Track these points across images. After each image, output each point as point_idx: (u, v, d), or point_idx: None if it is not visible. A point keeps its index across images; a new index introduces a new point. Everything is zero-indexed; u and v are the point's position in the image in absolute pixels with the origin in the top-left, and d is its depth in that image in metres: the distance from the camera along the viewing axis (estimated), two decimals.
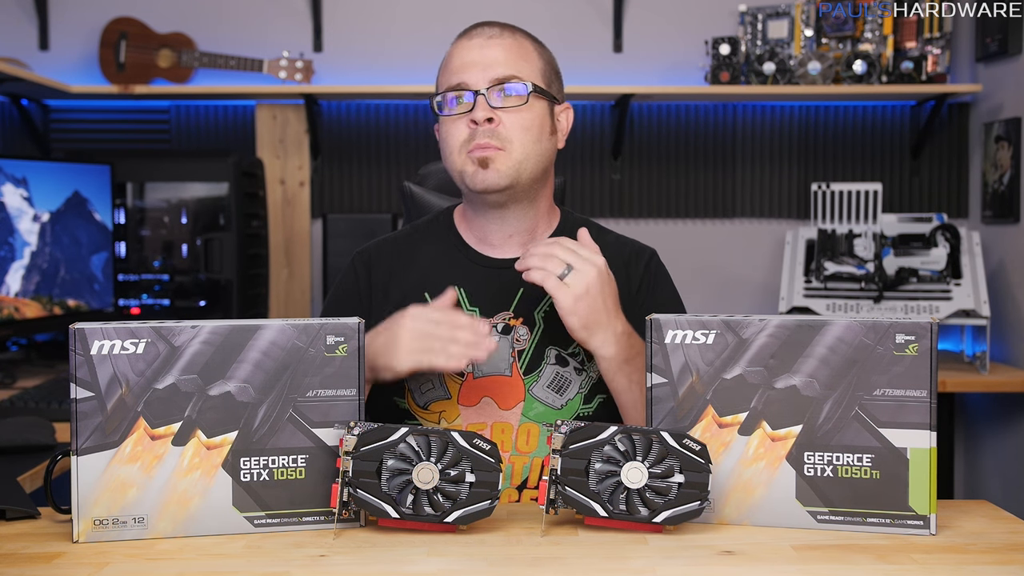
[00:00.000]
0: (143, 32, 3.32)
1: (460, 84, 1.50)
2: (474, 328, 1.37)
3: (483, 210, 1.56)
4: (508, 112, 1.49)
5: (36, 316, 2.67)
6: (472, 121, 1.48)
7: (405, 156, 3.47)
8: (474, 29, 1.55)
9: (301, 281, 3.47)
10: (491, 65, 1.50)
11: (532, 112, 1.51)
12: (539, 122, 1.52)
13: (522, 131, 1.50)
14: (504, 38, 1.53)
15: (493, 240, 1.57)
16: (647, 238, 1.73)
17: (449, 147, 1.52)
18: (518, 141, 1.49)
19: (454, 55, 1.54)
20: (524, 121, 1.50)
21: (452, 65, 1.53)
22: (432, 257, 1.59)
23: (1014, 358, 3.13)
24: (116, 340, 1.19)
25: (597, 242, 1.61)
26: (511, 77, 1.50)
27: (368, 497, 1.20)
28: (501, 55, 1.51)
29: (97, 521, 1.19)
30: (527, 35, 1.57)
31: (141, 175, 3.06)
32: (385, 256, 1.61)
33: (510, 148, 1.49)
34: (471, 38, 1.54)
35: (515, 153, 1.49)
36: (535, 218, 1.58)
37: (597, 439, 1.22)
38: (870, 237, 3.12)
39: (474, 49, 1.52)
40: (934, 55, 3.25)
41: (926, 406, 1.21)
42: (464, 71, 1.51)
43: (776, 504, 1.24)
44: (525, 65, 1.52)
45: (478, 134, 1.48)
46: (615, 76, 3.42)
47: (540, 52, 1.57)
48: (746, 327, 1.24)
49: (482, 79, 1.49)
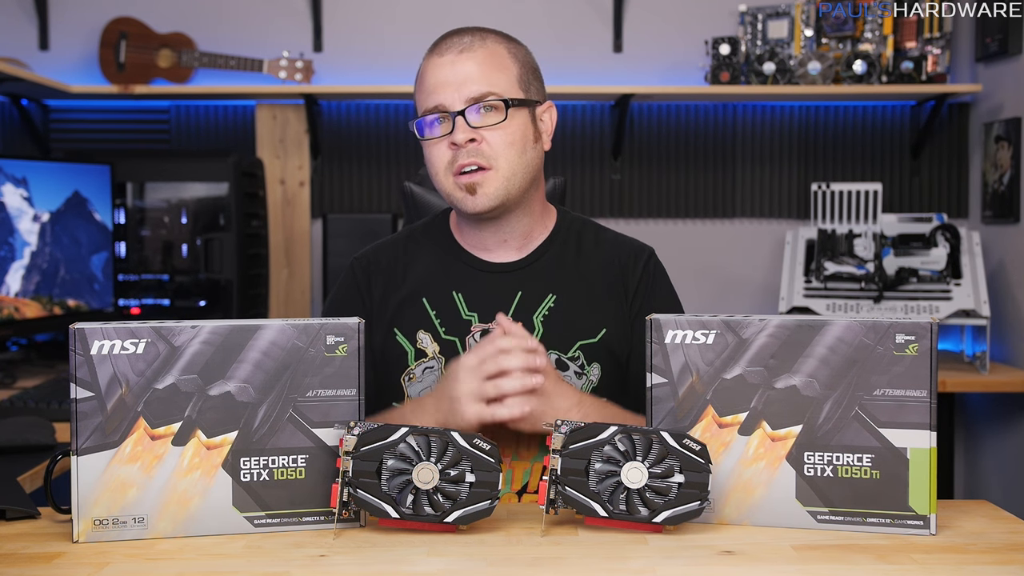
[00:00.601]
0: (143, 32, 3.32)
1: (437, 106, 1.48)
2: (520, 344, 1.35)
3: (476, 222, 1.55)
4: (489, 129, 1.47)
5: (36, 316, 2.67)
6: (452, 143, 1.47)
7: (405, 156, 3.47)
8: (444, 42, 1.51)
9: (301, 281, 3.47)
10: (465, 83, 1.47)
11: (514, 125, 1.48)
12: (521, 133, 1.49)
13: (506, 147, 1.47)
14: (475, 50, 1.49)
15: (488, 245, 1.57)
16: (647, 238, 1.73)
17: (435, 169, 1.50)
18: (503, 157, 1.47)
19: (427, 73, 1.50)
20: (507, 136, 1.47)
21: (426, 85, 1.50)
22: (429, 262, 1.58)
23: (1014, 358, 3.13)
24: (116, 340, 1.19)
25: (595, 241, 1.61)
26: (487, 94, 1.47)
27: (368, 497, 1.20)
28: (475, 70, 1.47)
29: (97, 521, 1.19)
30: (499, 37, 1.53)
31: (141, 175, 3.06)
32: (383, 262, 1.60)
33: (496, 165, 1.47)
34: (441, 54, 1.49)
35: (502, 171, 1.47)
36: (529, 223, 1.57)
37: (597, 439, 1.22)
38: (870, 237, 3.12)
39: (446, 67, 1.48)
40: (934, 55, 3.25)
41: (926, 406, 1.21)
42: (438, 92, 1.48)
43: (776, 504, 1.24)
44: (501, 76, 1.49)
45: (461, 155, 1.46)
46: (615, 76, 3.41)
47: (514, 55, 1.52)
48: (746, 327, 1.24)
49: (457, 99, 1.46)
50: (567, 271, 1.56)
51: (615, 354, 1.53)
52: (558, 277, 1.55)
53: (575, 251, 1.59)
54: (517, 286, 1.54)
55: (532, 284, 1.54)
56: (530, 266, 1.56)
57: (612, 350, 1.53)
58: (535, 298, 1.53)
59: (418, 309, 1.54)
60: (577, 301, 1.54)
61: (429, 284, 1.55)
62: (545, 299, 1.53)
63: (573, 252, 1.58)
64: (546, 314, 1.53)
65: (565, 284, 1.55)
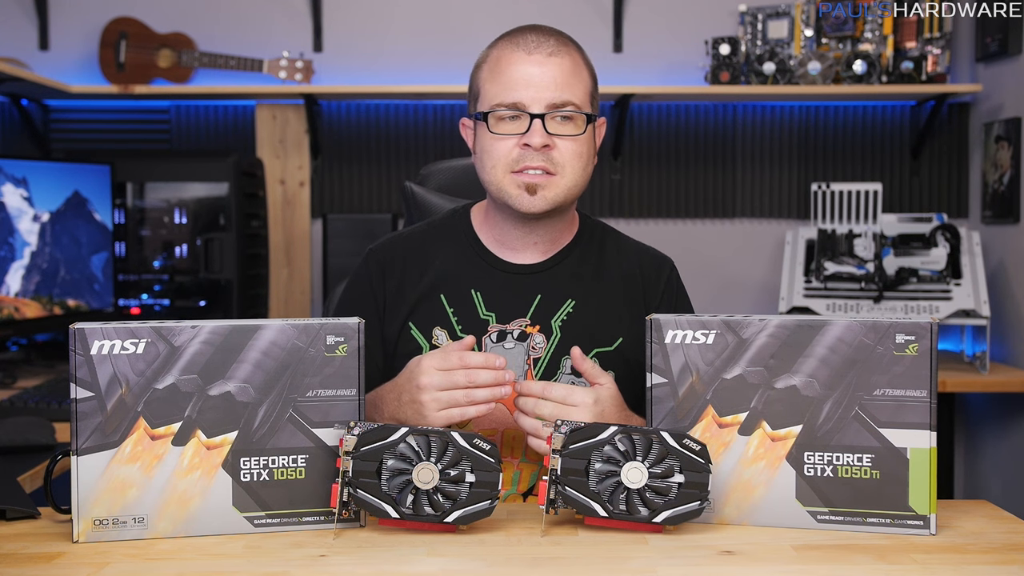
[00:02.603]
0: (143, 32, 3.32)
1: (516, 103, 1.46)
2: (490, 364, 1.33)
3: (512, 219, 1.54)
4: (563, 138, 1.46)
5: (36, 316, 2.67)
6: (525, 144, 1.46)
7: (405, 156, 3.46)
8: (529, 38, 1.50)
9: (301, 281, 3.47)
10: (549, 87, 1.46)
11: (585, 138, 1.48)
12: (588, 147, 1.50)
13: (575, 157, 1.47)
14: (562, 56, 1.48)
15: (515, 245, 1.56)
16: (647, 238, 1.73)
17: (493, 161, 1.48)
18: (570, 167, 1.47)
19: (510, 67, 1.48)
20: (578, 148, 1.47)
21: (506, 78, 1.48)
22: (448, 258, 1.57)
23: (1014, 358, 3.13)
24: (116, 340, 1.19)
25: (616, 249, 1.60)
26: (569, 103, 1.47)
27: (368, 497, 1.20)
28: (560, 77, 1.47)
29: (97, 521, 1.19)
30: (578, 48, 1.54)
31: (141, 175, 3.06)
32: (399, 256, 1.58)
33: (562, 174, 1.47)
34: (529, 52, 1.48)
35: (567, 179, 1.47)
36: (560, 228, 1.56)
37: (597, 439, 1.22)
38: (870, 237, 3.12)
39: (533, 65, 1.47)
40: (934, 55, 3.25)
41: (926, 406, 1.21)
42: (520, 89, 1.46)
43: (776, 504, 1.24)
44: (579, 88, 1.49)
45: (529, 156, 1.46)
46: (615, 76, 3.41)
47: (588, 67, 1.53)
48: (746, 327, 1.24)
49: (539, 101, 1.46)
50: (587, 278, 1.56)
51: (630, 363, 1.52)
52: (578, 283, 1.55)
53: (596, 258, 1.58)
54: (537, 289, 1.53)
55: (552, 288, 1.54)
56: (550, 270, 1.56)
57: (627, 359, 1.52)
58: (554, 302, 1.53)
59: (435, 305, 1.53)
60: (595, 308, 1.54)
61: (448, 280, 1.54)
62: (564, 304, 1.53)
63: (594, 259, 1.58)
64: (564, 319, 1.52)
65: (584, 291, 1.55)
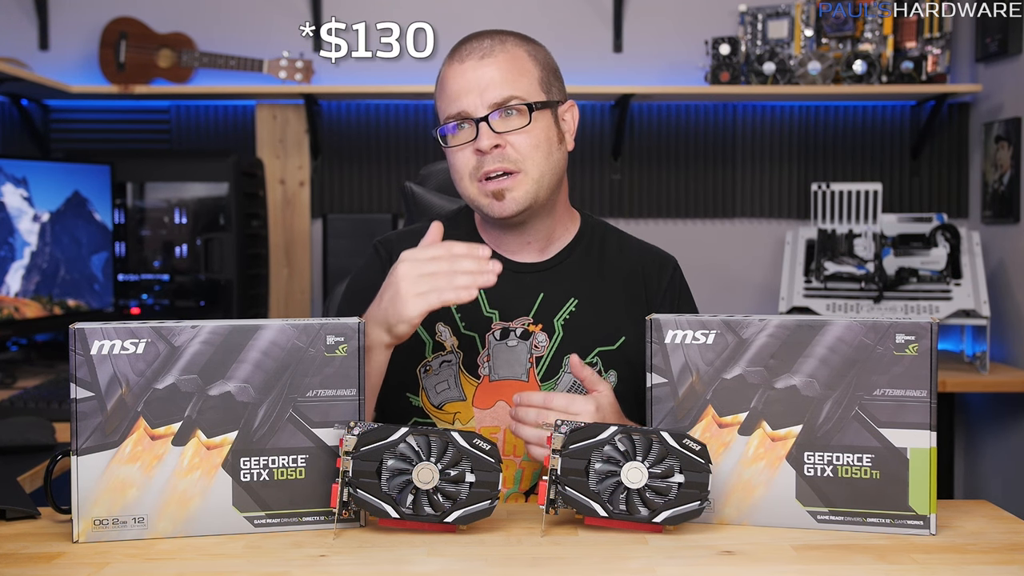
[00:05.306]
0: (143, 32, 3.32)
1: (460, 113, 1.46)
2: (474, 254, 1.32)
3: (499, 226, 1.54)
4: (514, 134, 1.46)
5: (36, 316, 2.67)
6: (477, 149, 1.46)
7: (405, 156, 3.46)
8: (463, 48, 1.50)
9: (301, 281, 3.47)
10: (487, 88, 1.45)
11: (538, 127, 1.47)
12: (546, 135, 1.48)
13: (532, 150, 1.46)
14: (496, 54, 1.47)
15: (511, 247, 1.56)
16: (647, 238, 1.73)
17: (459, 175, 1.49)
18: (531, 161, 1.46)
19: (448, 80, 1.49)
20: (532, 139, 1.46)
21: (448, 91, 1.49)
22: None
23: (1014, 358, 3.13)
24: (116, 340, 1.19)
25: (619, 248, 1.60)
26: (510, 99, 1.45)
27: (368, 497, 1.20)
28: (496, 75, 1.46)
29: (97, 521, 1.19)
30: (519, 39, 1.52)
31: (141, 175, 3.06)
32: (406, 249, 1.59)
33: (524, 169, 1.46)
34: (462, 60, 1.48)
35: (531, 173, 1.46)
36: (551, 225, 1.56)
37: (597, 439, 1.22)
38: (870, 237, 3.12)
39: (467, 72, 1.47)
40: (934, 55, 3.25)
41: (926, 406, 1.21)
42: (461, 98, 1.46)
43: (776, 504, 1.24)
44: (522, 79, 1.47)
45: (487, 161, 1.45)
46: (615, 76, 3.41)
47: (535, 57, 1.51)
48: (746, 327, 1.24)
49: (480, 105, 1.45)
50: (590, 277, 1.56)
51: (632, 363, 1.52)
52: (581, 282, 1.55)
53: (598, 257, 1.59)
54: (539, 288, 1.54)
55: (555, 287, 1.54)
56: (553, 268, 1.56)
57: (630, 359, 1.52)
58: (557, 301, 1.53)
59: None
60: (598, 307, 1.54)
61: None
62: (567, 303, 1.53)
63: (596, 258, 1.58)
64: (567, 318, 1.52)
65: (587, 289, 1.55)
